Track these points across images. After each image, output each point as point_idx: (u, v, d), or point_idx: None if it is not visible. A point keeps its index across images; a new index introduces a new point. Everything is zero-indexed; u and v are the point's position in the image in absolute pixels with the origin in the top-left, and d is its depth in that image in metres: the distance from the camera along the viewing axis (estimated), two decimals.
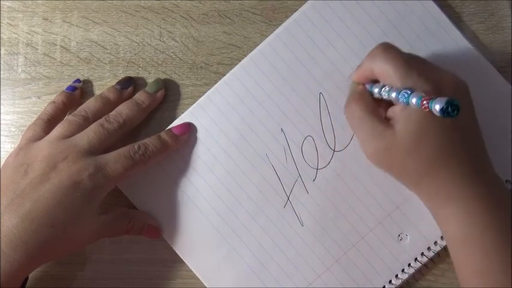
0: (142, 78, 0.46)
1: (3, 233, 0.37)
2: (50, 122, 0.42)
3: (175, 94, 0.46)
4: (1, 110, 0.46)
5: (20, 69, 0.46)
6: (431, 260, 0.44)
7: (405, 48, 0.43)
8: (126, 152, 0.41)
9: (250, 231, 0.44)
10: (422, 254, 0.44)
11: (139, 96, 0.44)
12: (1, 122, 0.46)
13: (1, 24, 0.46)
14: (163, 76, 0.46)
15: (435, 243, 0.44)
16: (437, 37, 0.44)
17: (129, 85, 0.45)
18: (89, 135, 0.40)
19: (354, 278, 0.44)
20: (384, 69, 0.38)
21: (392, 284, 0.44)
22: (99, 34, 0.46)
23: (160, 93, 0.45)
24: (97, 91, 0.46)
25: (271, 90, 0.44)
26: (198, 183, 0.44)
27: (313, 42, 0.44)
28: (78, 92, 0.45)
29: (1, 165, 0.43)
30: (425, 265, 0.44)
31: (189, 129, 0.44)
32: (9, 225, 0.37)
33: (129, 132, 0.43)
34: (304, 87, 0.44)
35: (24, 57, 0.46)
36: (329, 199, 0.44)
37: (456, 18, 0.45)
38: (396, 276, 0.44)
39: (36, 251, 0.37)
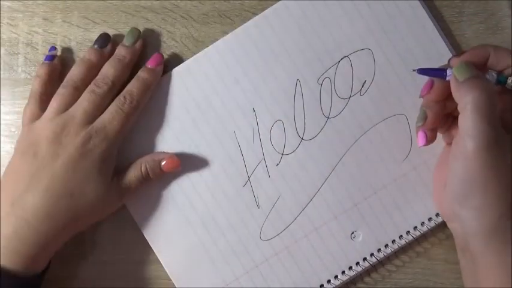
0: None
1: (29, 208, 0.39)
2: (41, 98, 0.43)
3: None
4: (1, 110, 0.46)
5: (20, 69, 0.46)
6: (379, 261, 0.44)
7: (388, 47, 0.44)
8: (116, 108, 0.41)
9: (206, 203, 0.44)
10: (372, 254, 0.44)
11: (119, 51, 0.43)
12: (1, 122, 0.46)
13: (1, 24, 0.46)
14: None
15: (386, 246, 0.44)
16: (421, 43, 0.44)
17: (107, 42, 0.44)
18: (83, 105, 0.41)
19: (301, 267, 0.44)
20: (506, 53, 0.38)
21: (338, 279, 0.44)
22: (99, 34, 0.45)
23: (139, 44, 0.44)
24: None
25: (249, 68, 0.44)
26: (162, 148, 0.44)
27: (299, 28, 0.44)
28: (57, 59, 0.45)
29: (1, 167, 0.45)
30: (373, 266, 0.44)
31: (162, 58, 0.44)
32: (33, 201, 0.39)
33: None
34: (283, 71, 0.44)
35: (24, 57, 0.46)
36: (289, 186, 0.44)
37: (456, 18, 0.45)
38: (343, 272, 0.44)
39: (61, 222, 0.39)
